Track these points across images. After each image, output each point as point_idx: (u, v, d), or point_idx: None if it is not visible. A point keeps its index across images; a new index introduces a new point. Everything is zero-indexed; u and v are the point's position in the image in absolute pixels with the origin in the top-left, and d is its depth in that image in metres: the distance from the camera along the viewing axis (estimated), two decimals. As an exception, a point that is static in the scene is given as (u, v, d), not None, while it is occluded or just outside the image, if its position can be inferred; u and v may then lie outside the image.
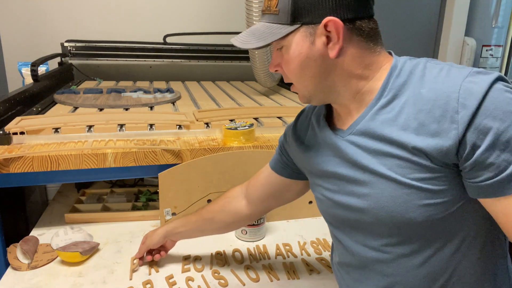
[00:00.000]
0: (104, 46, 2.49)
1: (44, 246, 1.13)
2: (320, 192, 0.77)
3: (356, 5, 0.63)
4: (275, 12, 0.64)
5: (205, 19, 2.70)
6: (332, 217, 0.78)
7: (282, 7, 0.63)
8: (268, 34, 0.65)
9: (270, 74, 1.99)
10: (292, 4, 0.62)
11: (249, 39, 0.67)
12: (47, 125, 1.27)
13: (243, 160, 1.27)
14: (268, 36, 0.64)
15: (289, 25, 0.63)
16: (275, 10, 0.64)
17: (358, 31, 0.63)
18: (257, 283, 1.02)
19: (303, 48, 0.64)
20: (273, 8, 0.64)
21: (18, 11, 2.40)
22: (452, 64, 0.61)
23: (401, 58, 0.67)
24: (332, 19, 0.60)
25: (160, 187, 1.22)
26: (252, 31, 0.68)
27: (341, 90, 0.66)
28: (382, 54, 0.67)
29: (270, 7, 0.65)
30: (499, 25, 2.57)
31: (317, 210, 1.39)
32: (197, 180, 1.25)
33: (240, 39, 0.69)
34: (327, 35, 0.62)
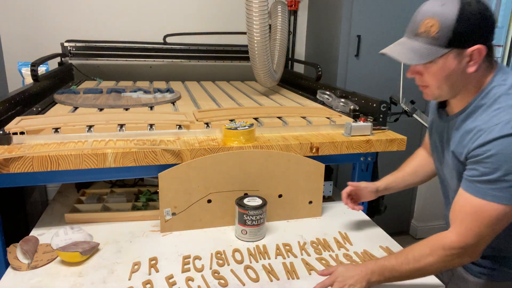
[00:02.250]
0: (104, 46, 2.49)
1: (44, 246, 1.13)
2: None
3: (492, 35, 0.86)
4: (434, 36, 0.84)
5: (205, 19, 2.70)
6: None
7: (441, 34, 0.83)
8: (427, 53, 0.85)
9: (270, 74, 1.99)
10: (452, 34, 0.83)
11: (412, 56, 0.87)
12: (47, 125, 1.27)
13: (243, 160, 1.27)
14: (428, 55, 0.85)
15: (445, 48, 0.84)
16: (434, 35, 0.84)
17: (489, 53, 0.87)
18: (257, 283, 1.02)
19: (451, 65, 0.86)
20: (433, 33, 0.84)
21: (18, 11, 2.40)
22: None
23: (494, 80, 0.90)
24: (479, 47, 0.84)
25: (160, 187, 1.22)
26: (412, 49, 0.88)
27: (461, 94, 0.92)
28: (492, 70, 0.90)
29: (429, 31, 0.85)
30: (499, 25, 2.58)
31: (317, 211, 1.40)
32: (197, 180, 1.25)
33: (405, 55, 0.89)
34: (472, 56, 0.85)
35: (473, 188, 0.87)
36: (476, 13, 0.82)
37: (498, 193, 0.83)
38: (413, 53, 0.87)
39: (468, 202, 0.87)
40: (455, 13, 0.82)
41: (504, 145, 0.81)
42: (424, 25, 0.86)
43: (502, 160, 0.81)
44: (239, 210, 1.21)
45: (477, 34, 0.83)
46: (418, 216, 2.96)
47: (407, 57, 0.88)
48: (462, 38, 0.83)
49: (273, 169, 1.31)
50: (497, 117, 0.84)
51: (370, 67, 2.45)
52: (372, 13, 2.40)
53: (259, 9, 1.77)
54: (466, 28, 0.83)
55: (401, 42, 0.92)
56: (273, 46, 2.19)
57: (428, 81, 0.91)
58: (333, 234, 1.29)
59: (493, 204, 0.84)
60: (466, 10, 0.82)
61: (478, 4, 0.83)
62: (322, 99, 1.93)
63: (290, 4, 2.77)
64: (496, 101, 0.87)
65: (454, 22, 0.82)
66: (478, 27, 0.83)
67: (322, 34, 2.66)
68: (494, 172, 0.83)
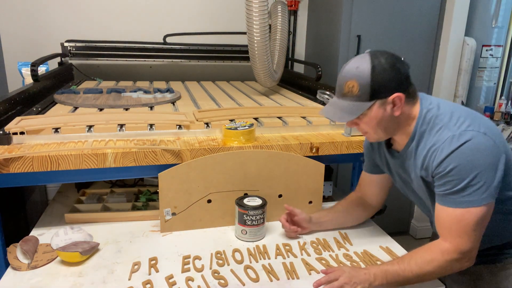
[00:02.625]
0: (104, 46, 2.50)
1: (44, 246, 1.13)
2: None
3: (407, 80, 0.99)
4: (357, 95, 0.97)
5: (205, 19, 2.70)
6: None
7: (362, 92, 0.96)
8: (355, 109, 0.98)
9: (270, 74, 1.99)
10: (370, 90, 0.95)
11: (343, 115, 1.00)
12: (47, 125, 1.27)
13: (243, 160, 1.27)
14: (356, 111, 0.98)
15: (368, 102, 0.97)
16: (357, 94, 0.97)
17: (409, 94, 0.99)
18: (257, 283, 1.02)
19: (379, 114, 0.98)
20: (355, 93, 0.97)
21: (18, 11, 2.40)
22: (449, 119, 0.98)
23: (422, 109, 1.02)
24: (398, 95, 0.96)
25: (160, 187, 1.22)
26: (342, 109, 1.00)
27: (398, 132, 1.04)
28: (417, 103, 1.02)
29: (352, 91, 0.97)
30: (499, 25, 2.57)
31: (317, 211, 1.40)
32: (197, 180, 1.25)
33: (336, 115, 1.02)
34: (393, 102, 0.97)
35: (447, 201, 0.96)
36: (387, 68, 0.95)
37: (470, 199, 0.93)
38: (343, 112, 0.99)
39: (448, 214, 0.96)
40: (369, 72, 0.95)
41: (458, 157, 0.92)
42: (347, 87, 0.98)
43: (463, 170, 0.91)
44: (239, 210, 1.21)
45: (392, 85, 0.96)
46: (418, 216, 2.96)
47: (339, 116, 1.01)
48: (380, 91, 0.96)
49: (273, 169, 1.31)
50: (441, 136, 0.96)
51: (370, 67, 2.45)
52: (372, 13, 2.40)
53: (259, 9, 1.77)
54: (381, 82, 0.95)
55: (333, 102, 1.04)
56: (273, 46, 2.19)
57: (364, 129, 1.04)
58: (333, 234, 1.29)
59: (470, 209, 0.93)
60: (377, 68, 0.95)
61: (387, 60, 0.96)
62: (322, 99, 1.93)
63: (290, 4, 2.77)
64: (434, 123, 0.99)
65: (370, 80, 0.95)
66: (392, 79, 0.95)
67: (322, 34, 2.66)
68: (460, 183, 0.92)
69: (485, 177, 0.91)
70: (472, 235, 0.94)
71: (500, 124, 2.47)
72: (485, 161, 0.91)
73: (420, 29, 2.52)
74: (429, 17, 2.52)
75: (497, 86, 2.74)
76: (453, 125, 0.95)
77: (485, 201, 0.93)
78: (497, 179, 0.93)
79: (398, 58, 0.98)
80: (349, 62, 1.01)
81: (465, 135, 0.92)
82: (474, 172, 0.91)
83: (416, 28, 2.51)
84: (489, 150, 0.92)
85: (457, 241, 0.95)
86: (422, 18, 2.51)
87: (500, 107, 2.59)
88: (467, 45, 2.53)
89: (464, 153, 0.91)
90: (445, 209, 0.96)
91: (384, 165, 1.19)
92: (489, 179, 0.92)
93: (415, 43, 2.53)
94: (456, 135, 0.93)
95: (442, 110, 0.99)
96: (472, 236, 0.94)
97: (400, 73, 0.97)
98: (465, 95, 2.65)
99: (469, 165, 0.91)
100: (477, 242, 0.96)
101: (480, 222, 0.94)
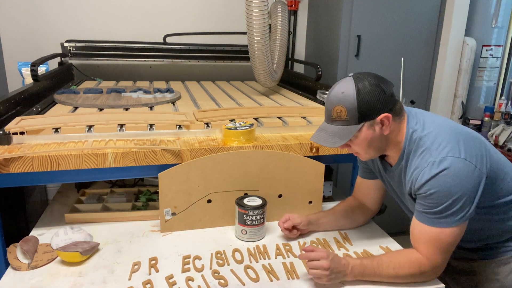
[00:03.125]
0: (104, 46, 2.49)
1: (44, 246, 1.13)
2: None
3: (392, 99, 1.01)
4: (345, 119, 0.99)
5: (205, 19, 2.70)
6: None
7: (350, 116, 0.99)
8: (346, 133, 1.00)
9: (270, 74, 1.99)
10: (358, 113, 0.98)
11: (335, 140, 1.01)
12: (47, 125, 1.27)
13: (243, 160, 1.27)
14: (347, 134, 1.00)
15: (357, 124, 0.99)
16: (345, 118, 0.99)
17: (395, 113, 1.02)
18: (257, 283, 1.02)
19: (368, 135, 1.01)
20: (344, 117, 0.99)
21: (18, 11, 2.40)
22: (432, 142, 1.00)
23: (409, 129, 1.04)
24: (385, 115, 0.99)
25: (160, 187, 1.22)
26: (332, 133, 1.02)
27: (389, 149, 1.07)
28: (404, 120, 1.05)
29: (340, 116, 1.00)
30: (499, 25, 2.57)
31: (317, 211, 1.40)
32: (197, 180, 1.25)
33: (328, 141, 1.02)
34: (382, 123, 1.00)
35: (424, 218, 1.00)
36: (371, 90, 0.98)
37: (445, 219, 0.97)
38: (334, 136, 1.02)
39: (424, 230, 1.01)
40: (354, 97, 0.97)
41: (438, 183, 0.95)
42: (335, 112, 1.01)
43: (442, 196, 0.95)
44: (239, 210, 1.21)
45: (379, 106, 0.98)
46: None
47: (331, 142, 1.02)
48: (367, 113, 0.99)
49: (273, 169, 1.31)
50: (424, 160, 0.99)
51: (370, 67, 2.45)
52: (372, 13, 2.40)
53: (259, 9, 1.77)
54: (367, 105, 0.98)
55: (323, 127, 1.06)
56: (273, 46, 2.19)
57: (356, 150, 1.07)
58: (333, 234, 1.29)
59: (444, 229, 0.98)
60: (361, 91, 0.97)
61: (371, 82, 0.98)
62: (322, 99, 1.93)
63: (290, 4, 2.77)
64: (418, 145, 1.02)
65: (356, 104, 0.98)
66: (377, 100, 0.98)
67: (322, 34, 2.66)
68: (438, 206, 0.96)
69: (462, 202, 0.95)
70: (445, 253, 1.00)
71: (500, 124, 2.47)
72: (463, 187, 0.95)
73: (420, 29, 2.52)
74: (429, 17, 2.53)
75: (497, 86, 2.74)
76: (434, 149, 0.98)
77: (459, 222, 0.97)
78: (475, 202, 0.97)
79: (381, 78, 1.01)
80: (334, 87, 1.03)
81: (444, 162, 0.95)
82: (452, 197, 0.95)
83: (416, 28, 2.51)
84: (468, 175, 0.95)
85: (433, 257, 1.00)
86: (422, 18, 2.51)
87: (500, 107, 2.59)
88: (467, 45, 2.53)
89: (443, 180, 0.95)
90: (421, 225, 1.01)
91: (377, 173, 1.22)
92: (466, 203, 0.96)
93: (415, 43, 2.53)
94: (436, 161, 0.96)
95: (427, 131, 1.02)
96: (445, 253, 1.01)
97: (385, 93, 0.99)
98: (465, 95, 2.65)
99: (448, 191, 0.95)
100: (448, 257, 1.02)
101: (454, 241, 1.00)
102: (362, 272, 1.02)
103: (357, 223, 1.33)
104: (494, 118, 2.56)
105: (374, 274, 1.02)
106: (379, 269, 1.02)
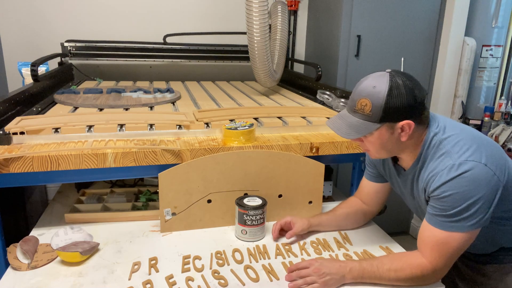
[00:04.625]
0: (104, 46, 2.49)
1: (44, 246, 1.13)
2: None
3: (422, 107, 0.98)
4: (368, 114, 0.96)
5: (205, 19, 2.70)
6: None
7: (373, 112, 0.95)
8: (363, 128, 0.97)
9: (270, 74, 1.99)
10: (382, 112, 0.94)
11: (350, 131, 0.99)
12: (47, 125, 1.27)
13: (243, 160, 1.27)
14: (363, 130, 0.97)
15: (377, 123, 0.96)
16: (368, 113, 0.96)
17: (420, 121, 0.99)
18: (257, 283, 1.02)
19: (384, 136, 0.99)
20: (367, 112, 0.96)
21: (18, 11, 2.40)
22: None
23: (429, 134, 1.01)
24: (408, 122, 0.96)
25: (160, 187, 1.22)
26: (350, 125, 0.99)
27: (403, 153, 1.06)
28: (426, 128, 1.02)
29: (363, 110, 0.97)
30: (499, 25, 2.57)
31: (317, 210, 1.40)
32: (197, 180, 1.25)
33: (342, 131, 1.00)
34: (402, 128, 0.97)
35: (435, 221, 0.98)
36: (403, 94, 0.94)
37: (456, 224, 0.95)
38: (351, 128, 0.99)
39: (433, 233, 0.98)
40: (384, 95, 0.94)
41: (455, 186, 0.93)
42: (359, 104, 0.97)
43: (457, 199, 0.93)
44: (239, 210, 1.21)
45: (405, 112, 0.95)
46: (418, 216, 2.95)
47: (346, 132, 1.00)
48: (391, 115, 0.95)
49: (273, 169, 1.31)
50: (442, 163, 0.96)
51: (370, 67, 2.45)
52: (372, 13, 2.40)
53: (259, 9, 1.77)
54: (395, 107, 0.94)
55: (342, 115, 1.03)
56: (273, 46, 2.19)
57: (368, 146, 1.05)
58: (333, 234, 1.29)
59: (455, 234, 0.95)
60: (393, 92, 0.93)
61: (406, 84, 0.94)
62: (322, 99, 1.93)
63: (290, 4, 2.77)
64: (437, 148, 0.99)
65: (384, 103, 0.94)
66: (405, 106, 0.94)
67: (322, 34, 2.66)
68: (452, 209, 0.94)
69: (477, 207, 0.93)
70: (450, 258, 0.98)
71: (500, 124, 2.47)
72: (480, 192, 0.92)
73: (420, 29, 2.52)
74: (429, 17, 2.53)
75: (497, 86, 2.74)
76: (455, 153, 0.96)
77: (470, 228, 0.95)
78: (490, 210, 0.94)
79: (417, 84, 0.97)
80: (367, 78, 0.99)
81: (465, 165, 0.93)
82: (467, 201, 0.92)
83: (416, 28, 2.51)
84: (487, 181, 0.93)
85: (437, 261, 0.98)
86: (422, 18, 2.51)
87: (500, 107, 2.59)
88: (467, 45, 2.53)
89: (461, 183, 0.92)
90: (431, 228, 0.99)
91: (388, 177, 1.21)
92: (480, 210, 0.93)
93: (415, 43, 2.53)
94: (456, 164, 0.94)
95: (447, 134, 1.00)
96: (450, 259, 0.98)
97: (416, 101, 0.95)
98: (465, 95, 2.65)
99: (464, 194, 0.92)
100: (451, 264, 1.00)
101: (461, 247, 0.97)
102: (362, 274, 1.01)
103: (357, 224, 1.33)
104: (494, 118, 2.56)
105: (374, 277, 1.01)
106: (379, 272, 1.01)
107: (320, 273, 0.99)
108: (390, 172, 1.17)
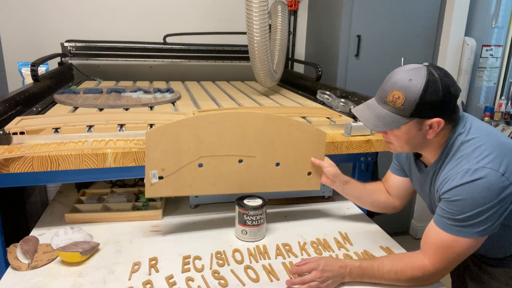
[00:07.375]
0: (104, 46, 2.49)
1: (44, 246, 1.13)
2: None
3: (453, 106, 0.95)
4: (399, 107, 0.93)
5: (205, 19, 2.70)
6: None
7: (405, 106, 0.92)
8: (392, 121, 0.95)
9: (270, 74, 1.99)
10: (414, 107, 0.91)
11: (377, 123, 0.97)
12: (47, 125, 1.27)
13: (241, 122, 1.16)
14: (392, 123, 0.95)
15: (407, 118, 0.93)
16: (399, 107, 0.93)
17: (449, 120, 0.97)
18: (257, 283, 1.02)
19: (412, 132, 0.96)
20: (398, 105, 0.93)
21: (18, 11, 2.40)
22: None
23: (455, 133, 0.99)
24: (438, 120, 0.93)
25: (147, 146, 1.10)
26: (378, 116, 0.97)
27: (426, 150, 1.03)
28: (452, 128, 0.99)
29: (395, 102, 0.93)
30: (499, 25, 2.57)
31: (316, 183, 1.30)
32: (188, 141, 1.13)
33: (370, 122, 0.98)
34: (431, 126, 0.94)
35: (442, 222, 0.97)
36: (439, 90, 0.90)
37: (463, 229, 0.93)
38: (379, 120, 0.97)
39: (438, 235, 0.97)
40: (420, 90, 0.90)
41: (466, 191, 0.91)
42: (391, 95, 0.94)
43: (467, 204, 0.91)
44: (239, 210, 1.21)
45: (437, 109, 0.92)
46: (418, 216, 2.96)
47: (373, 124, 0.98)
48: (423, 111, 0.92)
49: (272, 134, 1.20)
50: (459, 166, 0.94)
51: (370, 67, 2.45)
52: (372, 13, 2.40)
53: (259, 9, 1.77)
54: (428, 103, 0.91)
55: (371, 105, 1.00)
56: (273, 46, 2.19)
57: (392, 140, 1.02)
58: (333, 234, 1.29)
59: (461, 239, 0.94)
60: (430, 87, 0.90)
61: (443, 81, 0.91)
62: (322, 99, 1.93)
63: (290, 4, 2.77)
64: (459, 149, 0.97)
65: (418, 98, 0.91)
66: (439, 103, 0.91)
67: (322, 34, 2.66)
68: (460, 214, 0.92)
69: (486, 216, 0.91)
70: (452, 262, 0.97)
71: (500, 124, 2.47)
72: (491, 201, 0.89)
73: (420, 29, 2.52)
74: (429, 17, 2.53)
75: (497, 86, 2.74)
76: (474, 157, 0.93)
77: (477, 235, 0.93)
78: (499, 220, 0.93)
79: (453, 81, 0.94)
80: (403, 68, 0.95)
81: (480, 172, 0.90)
82: (477, 208, 0.90)
83: (416, 28, 2.51)
84: (500, 191, 0.89)
85: (439, 264, 0.97)
86: (422, 18, 2.51)
87: (500, 107, 2.59)
88: (467, 45, 2.53)
89: (473, 189, 0.90)
90: (437, 229, 0.97)
91: (408, 172, 1.20)
92: (489, 218, 0.91)
93: (415, 43, 2.53)
94: (472, 169, 0.91)
95: (471, 136, 0.97)
96: (452, 263, 0.97)
97: (450, 99, 0.93)
98: (465, 95, 2.65)
99: (474, 201, 0.90)
100: (453, 268, 0.99)
101: (466, 253, 0.96)
102: (361, 275, 1.01)
103: (377, 207, 1.31)
104: (494, 118, 2.56)
105: (374, 277, 1.01)
106: (379, 273, 1.00)
107: (323, 278, 0.98)
108: (411, 167, 1.16)
